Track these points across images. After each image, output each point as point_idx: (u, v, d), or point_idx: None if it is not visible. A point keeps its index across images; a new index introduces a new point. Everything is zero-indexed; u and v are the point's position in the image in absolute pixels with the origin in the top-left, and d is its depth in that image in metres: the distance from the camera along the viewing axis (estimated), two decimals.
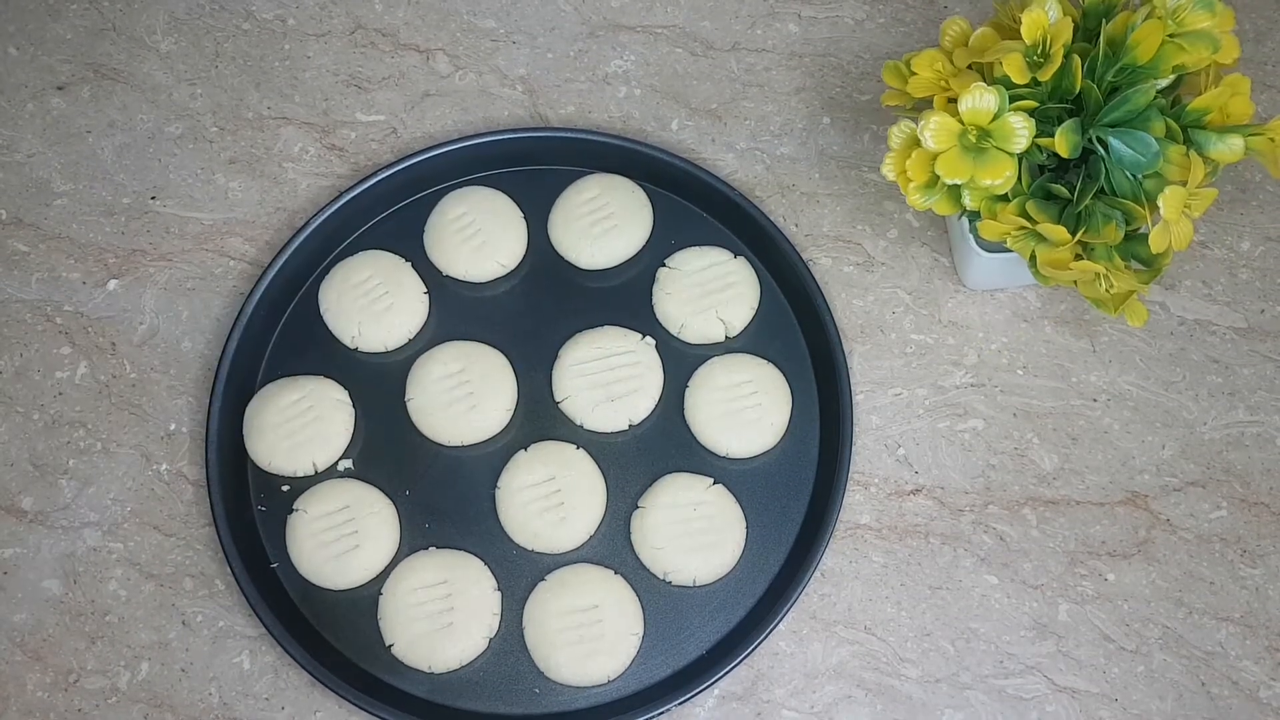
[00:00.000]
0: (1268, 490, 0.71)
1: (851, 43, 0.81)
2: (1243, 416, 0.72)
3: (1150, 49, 0.60)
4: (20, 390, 0.75)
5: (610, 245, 0.75)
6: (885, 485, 0.71)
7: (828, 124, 0.80)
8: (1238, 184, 0.77)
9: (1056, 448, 0.72)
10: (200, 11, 0.84)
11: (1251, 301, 0.74)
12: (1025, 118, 0.60)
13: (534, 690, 0.68)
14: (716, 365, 0.72)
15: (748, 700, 0.68)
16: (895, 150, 0.64)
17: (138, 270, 0.77)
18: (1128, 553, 0.70)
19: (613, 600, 0.68)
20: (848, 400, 0.71)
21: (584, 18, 0.83)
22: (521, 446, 0.71)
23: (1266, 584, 0.69)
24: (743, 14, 0.82)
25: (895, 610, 0.69)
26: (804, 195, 0.78)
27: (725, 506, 0.70)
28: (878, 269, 0.76)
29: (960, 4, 0.82)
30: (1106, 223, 0.61)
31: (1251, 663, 0.68)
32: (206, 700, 0.68)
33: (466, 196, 0.76)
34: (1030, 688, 0.67)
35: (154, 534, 0.71)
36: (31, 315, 0.76)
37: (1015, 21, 0.62)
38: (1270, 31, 0.81)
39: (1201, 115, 0.61)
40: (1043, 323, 0.74)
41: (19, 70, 0.83)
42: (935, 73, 0.64)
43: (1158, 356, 0.73)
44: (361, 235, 0.77)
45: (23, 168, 0.80)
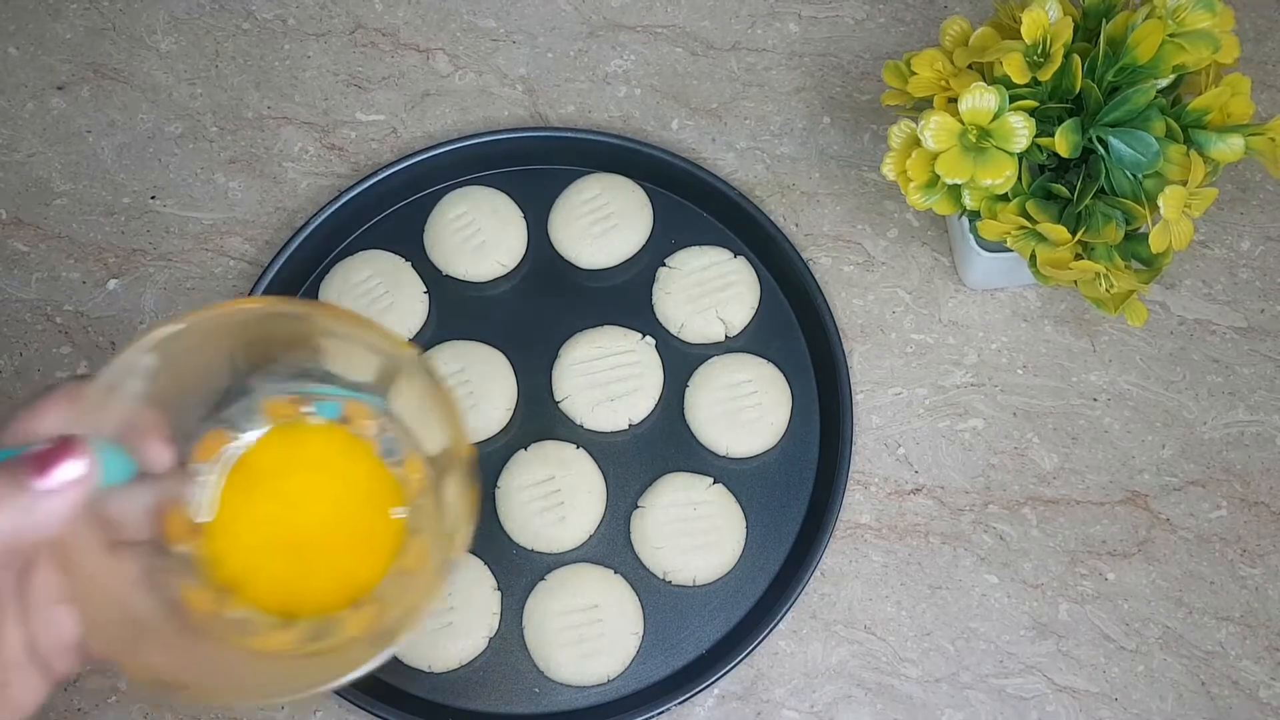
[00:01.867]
0: (1268, 490, 0.71)
1: (851, 43, 0.81)
2: (1243, 416, 0.72)
3: (1150, 49, 0.60)
4: (20, 390, 0.75)
5: (610, 245, 0.75)
6: (885, 485, 0.71)
7: (828, 124, 0.80)
8: (1238, 184, 0.77)
9: (1056, 447, 0.72)
10: (200, 11, 0.84)
11: (1251, 301, 0.74)
12: (1025, 117, 0.60)
13: (534, 690, 0.68)
14: (716, 365, 0.72)
15: (748, 700, 0.68)
16: (895, 150, 0.64)
17: (138, 270, 0.77)
18: (1128, 552, 0.70)
19: (613, 600, 0.68)
20: (848, 400, 0.71)
21: (584, 18, 0.83)
22: (521, 446, 0.71)
23: (1266, 584, 0.69)
24: (743, 14, 0.82)
25: (895, 610, 0.69)
26: (804, 195, 0.78)
27: (725, 506, 0.70)
28: (878, 269, 0.76)
29: (960, 4, 0.82)
30: (1106, 222, 0.61)
31: (1251, 663, 0.68)
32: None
33: (466, 196, 0.76)
34: (1030, 687, 0.67)
35: None
36: (31, 315, 0.76)
37: (1015, 21, 0.62)
38: (1270, 31, 0.81)
39: (1202, 115, 0.61)
40: (1043, 322, 0.74)
41: (19, 70, 0.83)
42: (935, 72, 0.64)
43: (1158, 356, 0.73)
44: (361, 235, 0.77)
45: (23, 168, 0.80)
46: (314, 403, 0.50)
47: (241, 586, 0.48)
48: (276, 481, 0.50)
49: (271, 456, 0.50)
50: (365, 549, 0.50)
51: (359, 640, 0.47)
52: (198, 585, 0.48)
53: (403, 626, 0.44)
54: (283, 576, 0.49)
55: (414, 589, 0.47)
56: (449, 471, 0.47)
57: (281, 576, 0.49)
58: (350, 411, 0.50)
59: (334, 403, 0.50)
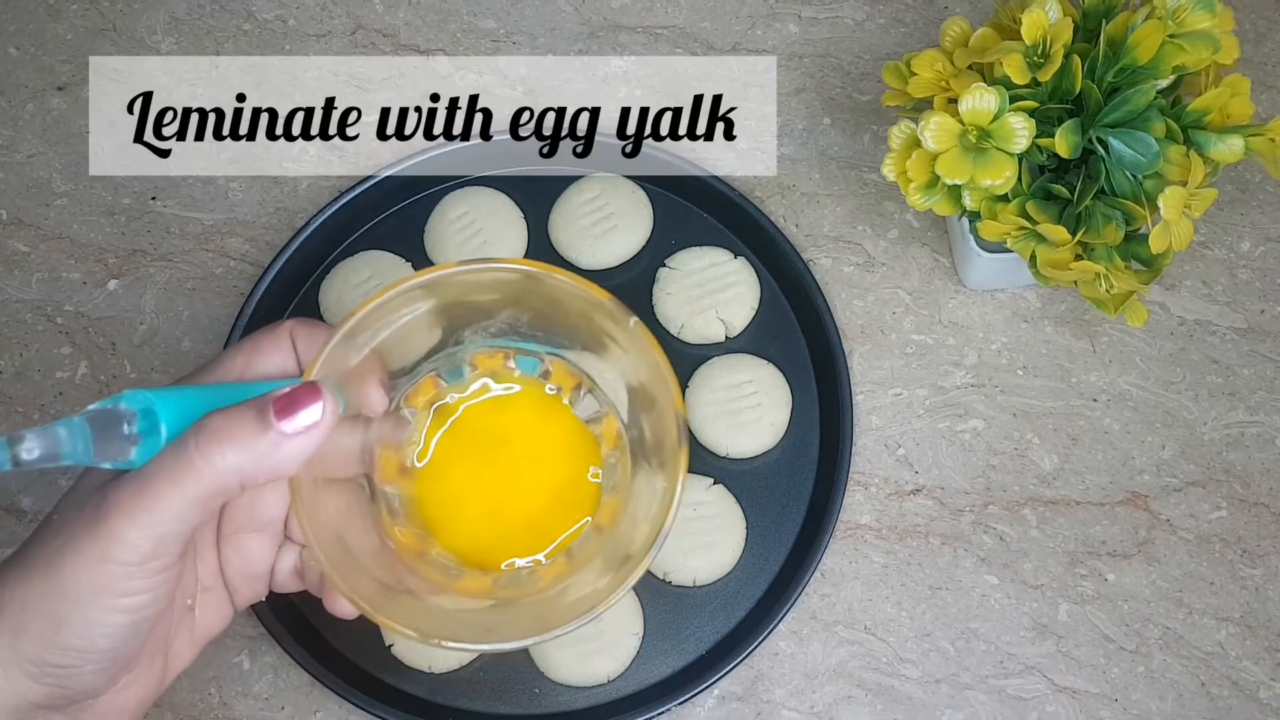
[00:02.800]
0: (1268, 490, 0.71)
1: (851, 43, 0.82)
2: (1243, 416, 0.72)
3: (1150, 49, 0.60)
4: (20, 390, 0.75)
5: (610, 245, 0.75)
6: (885, 485, 0.71)
7: (828, 125, 0.80)
8: (1238, 184, 0.77)
9: (1056, 448, 0.72)
10: (200, 11, 0.84)
11: (1251, 301, 0.74)
12: (1025, 118, 0.60)
13: (534, 690, 0.68)
14: (716, 365, 0.72)
15: (748, 700, 0.68)
16: (895, 150, 0.64)
17: (138, 270, 0.77)
18: (1128, 553, 0.70)
19: None
20: (848, 400, 0.71)
21: (584, 18, 0.83)
22: None
23: (1266, 584, 0.69)
24: (743, 14, 0.82)
25: (895, 610, 0.69)
26: (804, 196, 0.78)
27: (725, 506, 0.70)
28: (878, 269, 0.76)
29: (960, 4, 0.82)
30: (1106, 223, 0.62)
31: (1251, 663, 0.68)
32: (206, 700, 0.68)
33: (466, 196, 0.76)
34: (1030, 688, 0.67)
35: None
36: (31, 315, 0.76)
37: (1015, 22, 0.62)
38: (1270, 31, 0.81)
39: (1201, 115, 0.61)
40: (1043, 323, 0.74)
41: (19, 70, 0.83)
42: (935, 73, 0.64)
43: (1158, 356, 0.73)
44: (361, 235, 0.77)
45: (23, 168, 0.80)
46: (517, 357, 0.51)
47: (438, 532, 0.50)
48: (481, 432, 0.51)
49: (478, 408, 0.51)
50: (562, 506, 0.51)
51: (547, 593, 0.49)
52: (403, 525, 0.49)
53: (615, 590, 0.47)
54: (478, 525, 0.51)
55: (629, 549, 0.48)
56: (662, 435, 0.47)
57: (477, 525, 0.51)
58: (552, 367, 0.51)
59: (536, 359, 0.51)
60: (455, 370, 0.51)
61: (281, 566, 0.49)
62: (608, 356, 0.51)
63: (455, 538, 0.50)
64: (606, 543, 0.50)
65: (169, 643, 0.48)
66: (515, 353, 0.52)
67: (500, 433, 0.52)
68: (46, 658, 0.42)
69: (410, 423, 0.51)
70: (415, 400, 0.51)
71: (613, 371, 0.51)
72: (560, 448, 0.52)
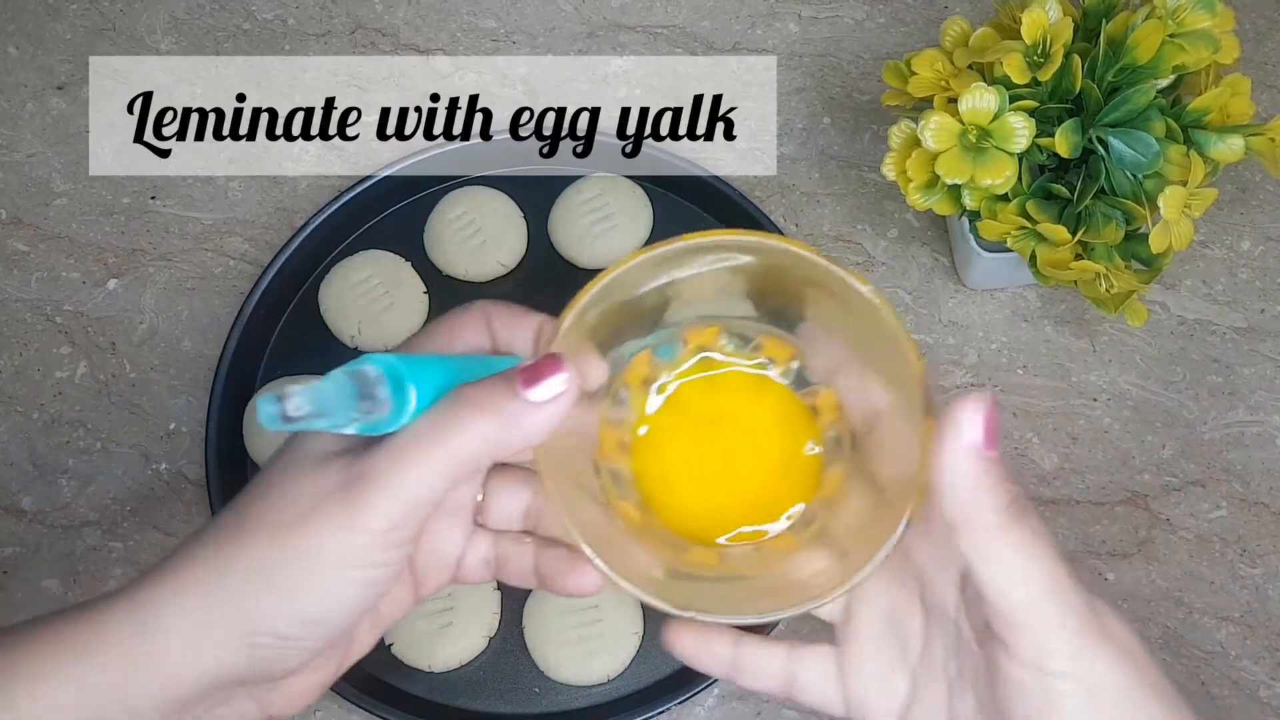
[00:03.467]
0: (1268, 490, 0.71)
1: (851, 43, 0.82)
2: (1243, 416, 0.72)
3: (1150, 49, 0.60)
4: (20, 390, 0.75)
5: (610, 245, 0.75)
6: None
7: (828, 124, 0.80)
8: (1238, 184, 0.77)
9: (1056, 447, 0.72)
10: (200, 11, 0.84)
11: (1251, 301, 0.74)
12: (1025, 118, 0.60)
13: (534, 689, 0.68)
14: None
15: (748, 700, 0.68)
16: (895, 150, 0.64)
17: (138, 270, 0.77)
18: (1128, 552, 0.70)
19: (613, 600, 0.68)
20: None
21: (584, 18, 0.83)
22: None
23: (1266, 584, 0.69)
24: (743, 14, 0.82)
25: None
26: (804, 195, 0.78)
27: None
28: (878, 269, 0.76)
29: (960, 4, 0.82)
30: (1106, 223, 0.62)
31: (1251, 663, 0.68)
32: None
33: (466, 196, 0.76)
34: None
35: (154, 534, 0.71)
36: (31, 315, 0.76)
37: (1015, 21, 0.62)
38: (1270, 31, 0.81)
39: (1201, 115, 0.61)
40: (1043, 323, 0.74)
41: (19, 70, 0.83)
42: (935, 73, 0.64)
43: (1158, 356, 0.73)
44: (361, 235, 0.77)
45: (23, 168, 0.80)
46: (729, 332, 0.51)
47: (658, 508, 0.50)
48: (695, 408, 0.51)
49: (692, 384, 0.51)
50: (780, 482, 0.51)
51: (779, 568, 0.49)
52: (626, 499, 0.49)
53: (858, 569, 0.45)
54: (697, 500, 0.50)
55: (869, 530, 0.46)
56: (897, 402, 0.46)
57: (696, 499, 0.50)
58: (765, 343, 0.51)
59: (748, 333, 0.51)
60: (668, 345, 0.51)
61: (472, 557, 0.48)
62: (829, 325, 0.49)
63: (674, 514, 0.50)
64: (834, 518, 0.49)
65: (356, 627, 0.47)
66: (727, 327, 0.51)
67: (715, 408, 0.51)
68: (273, 627, 0.41)
69: (626, 400, 0.51)
70: (630, 377, 0.51)
71: (833, 342, 0.50)
72: (773, 424, 0.51)
